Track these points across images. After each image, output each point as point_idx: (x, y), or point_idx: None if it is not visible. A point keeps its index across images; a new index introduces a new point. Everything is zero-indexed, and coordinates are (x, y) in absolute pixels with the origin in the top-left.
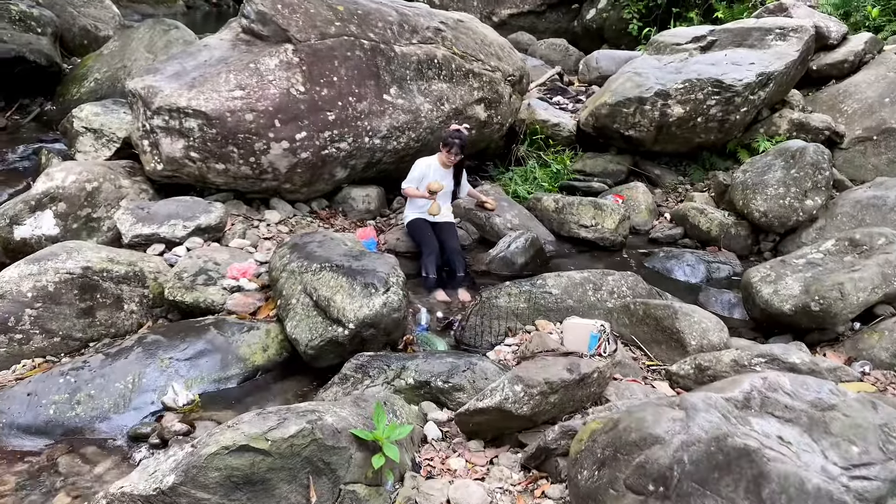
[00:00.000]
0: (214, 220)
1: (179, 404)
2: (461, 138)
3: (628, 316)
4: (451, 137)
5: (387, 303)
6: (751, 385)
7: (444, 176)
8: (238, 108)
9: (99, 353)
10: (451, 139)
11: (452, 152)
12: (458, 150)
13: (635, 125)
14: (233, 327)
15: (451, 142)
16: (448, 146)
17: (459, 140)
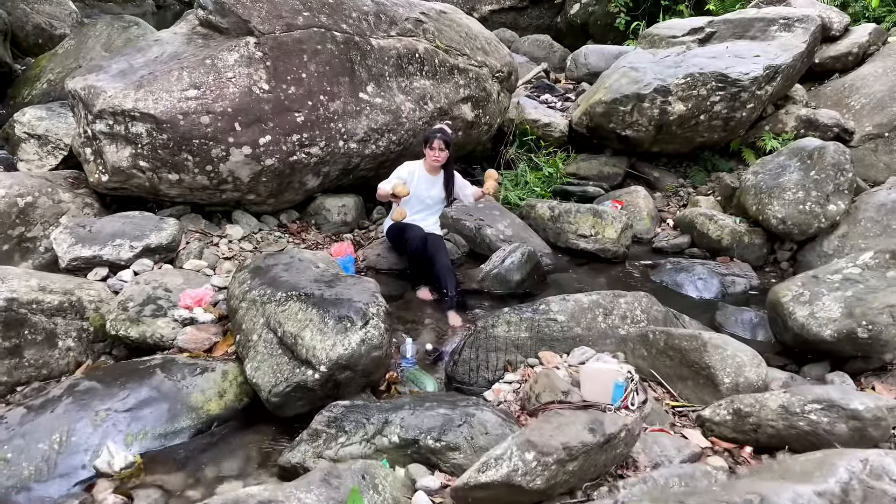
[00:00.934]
0: (166, 238)
1: (115, 468)
2: (443, 131)
3: (646, 346)
4: (431, 133)
5: (365, 339)
6: (848, 472)
7: (431, 184)
8: (192, 109)
9: (20, 405)
10: (431, 134)
11: (435, 147)
12: (443, 144)
13: (633, 124)
14: (183, 369)
15: (432, 135)
16: (428, 140)
17: (441, 133)
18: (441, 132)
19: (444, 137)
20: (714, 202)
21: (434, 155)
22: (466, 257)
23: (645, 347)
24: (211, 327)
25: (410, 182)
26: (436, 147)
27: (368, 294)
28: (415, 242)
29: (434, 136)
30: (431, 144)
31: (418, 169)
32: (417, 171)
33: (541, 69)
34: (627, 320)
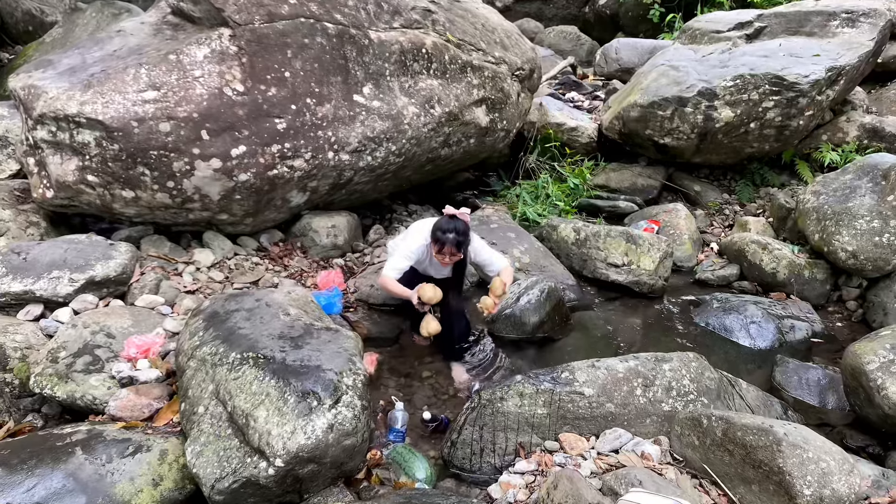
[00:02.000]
0: (115, 269)
1: None
2: (457, 230)
3: (698, 434)
4: (441, 230)
5: (334, 425)
6: None
7: (439, 267)
8: (150, 115)
9: None
10: (439, 232)
11: (445, 252)
12: (454, 248)
13: (673, 131)
14: (110, 449)
15: (440, 238)
16: (438, 243)
17: (454, 233)
18: (454, 233)
19: (457, 240)
20: (765, 224)
21: (443, 260)
22: (475, 289)
23: (696, 435)
24: (154, 388)
25: (420, 262)
26: (446, 253)
27: (343, 358)
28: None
29: (445, 239)
30: (440, 248)
31: (426, 254)
32: (425, 256)
33: (567, 64)
34: (673, 392)
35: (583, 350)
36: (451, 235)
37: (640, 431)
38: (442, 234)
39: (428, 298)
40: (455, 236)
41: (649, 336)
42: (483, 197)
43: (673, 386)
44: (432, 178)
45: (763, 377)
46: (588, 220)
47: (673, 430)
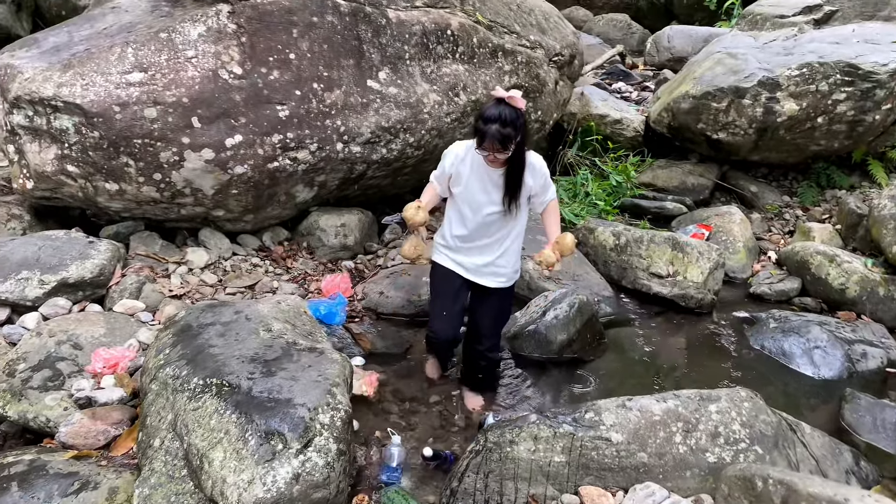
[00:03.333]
0: (91, 270)
1: None
2: (503, 119)
3: (750, 498)
4: (485, 120)
5: (301, 475)
6: None
7: (489, 179)
8: (133, 99)
9: None
10: (480, 122)
11: (486, 148)
12: (498, 145)
13: (728, 125)
14: (51, 484)
15: (481, 128)
16: (479, 134)
17: (500, 123)
18: (499, 122)
19: (502, 133)
20: (832, 232)
21: (485, 156)
22: None
23: (747, 498)
24: (114, 411)
25: (460, 174)
26: (486, 147)
27: (321, 390)
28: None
29: (487, 131)
30: (482, 144)
31: (470, 153)
32: (470, 155)
33: (615, 52)
34: (720, 440)
35: (617, 375)
36: (494, 127)
37: (678, 487)
38: (484, 124)
39: (407, 218)
40: (500, 128)
41: (695, 360)
42: None
43: (720, 431)
44: None
45: (829, 415)
46: (631, 223)
47: (719, 488)
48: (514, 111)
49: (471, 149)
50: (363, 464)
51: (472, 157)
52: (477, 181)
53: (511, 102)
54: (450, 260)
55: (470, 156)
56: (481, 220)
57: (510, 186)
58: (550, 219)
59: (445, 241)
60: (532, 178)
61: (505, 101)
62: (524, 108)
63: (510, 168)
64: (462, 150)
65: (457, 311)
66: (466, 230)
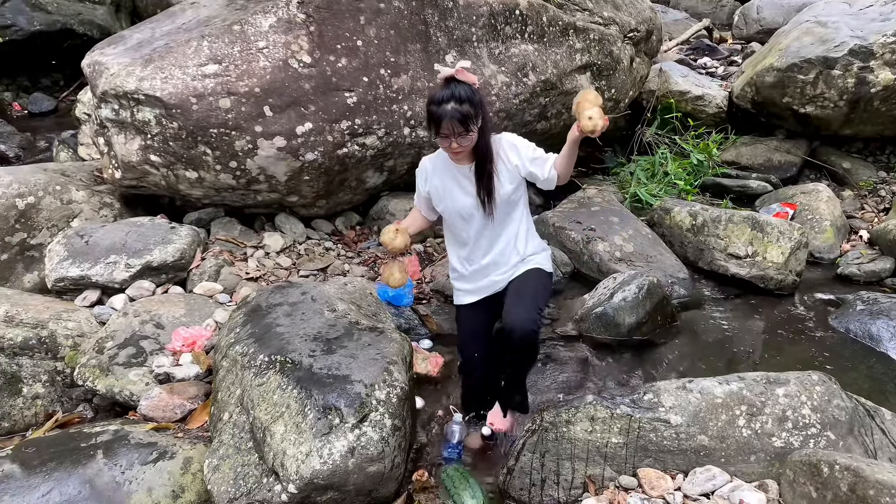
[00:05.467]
0: (172, 254)
1: None
2: (457, 96)
3: (815, 484)
4: (437, 102)
5: (356, 448)
6: None
7: (462, 177)
8: (209, 90)
9: None
10: (435, 106)
11: (445, 133)
12: (458, 126)
13: (816, 98)
14: (132, 454)
15: (437, 112)
16: (434, 120)
17: (455, 101)
18: (454, 101)
19: (458, 112)
20: None
21: (447, 145)
22: (569, 280)
23: (813, 484)
24: (190, 387)
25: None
26: (445, 133)
27: (378, 367)
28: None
29: (442, 113)
30: (439, 130)
31: (438, 160)
32: (437, 162)
33: (700, 27)
34: (788, 424)
35: (688, 359)
36: (450, 106)
37: (740, 472)
38: (436, 106)
39: (385, 242)
40: (455, 105)
41: (772, 344)
42: (593, 175)
43: (788, 416)
44: None
45: None
46: (712, 202)
47: (784, 473)
48: (468, 87)
49: (436, 157)
50: (425, 441)
51: (439, 163)
52: (453, 184)
53: (462, 78)
54: (469, 294)
55: (437, 163)
56: (478, 226)
57: (481, 177)
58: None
59: (458, 273)
60: (516, 156)
61: (455, 79)
62: (477, 84)
63: (478, 158)
64: (427, 162)
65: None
66: (468, 246)
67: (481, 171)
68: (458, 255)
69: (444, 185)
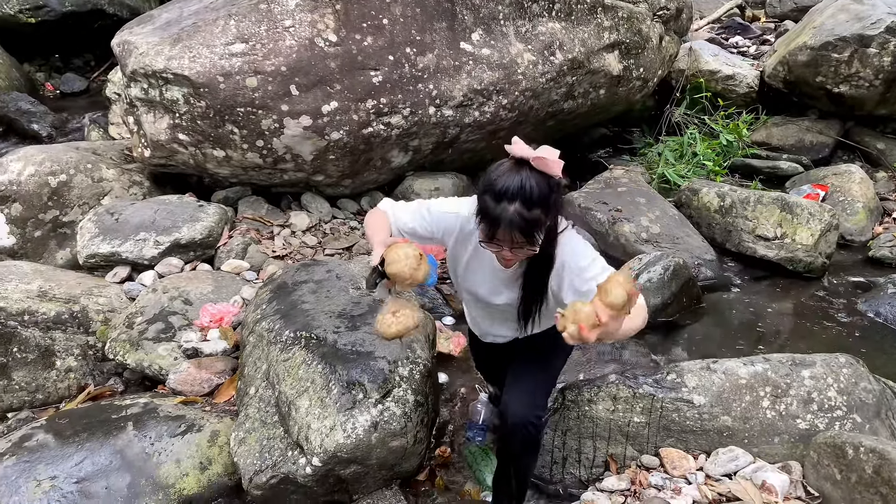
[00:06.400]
0: (200, 232)
1: None
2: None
3: (840, 465)
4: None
5: (379, 423)
6: None
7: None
8: (236, 69)
9: None
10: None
11: (501, 242)
12: (520, 237)
13: (851, 77)
14: (160, 426)
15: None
16: (488, 220)
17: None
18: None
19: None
20: None
21: (495, 251)
22: None
23: (837, 466)
24: (218, 362)
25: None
26: (499, 241)
27: (402, 344)
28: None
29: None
30: (493, 233)
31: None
32: (463, 234)
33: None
34: (813, 406)
35: (713, 340)
36: (513, 208)
37: (764, 453)
38: (495, 203)
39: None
40: (522, 209)
41: (799, 326)
42: (621, 156)
43: (814, 398)
44: (560, 136)
45: None
46: (741, 184)
47: (808, 455)
48: (544, 184)
49: (466, 223)
50: (448, 418)
51: (471, 237)
52: (481, 273)
53: (540, 165)
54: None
55: (468, 233)
56: (490, 310)
57: (529, 297)
58: None
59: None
60: (557, 284)
61: (528, 164)
62: (559, 174)
63: (532, 267)
64: (465, 222)
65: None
66: (470, 310)
67: (533, 288)
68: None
69: (470, 263)
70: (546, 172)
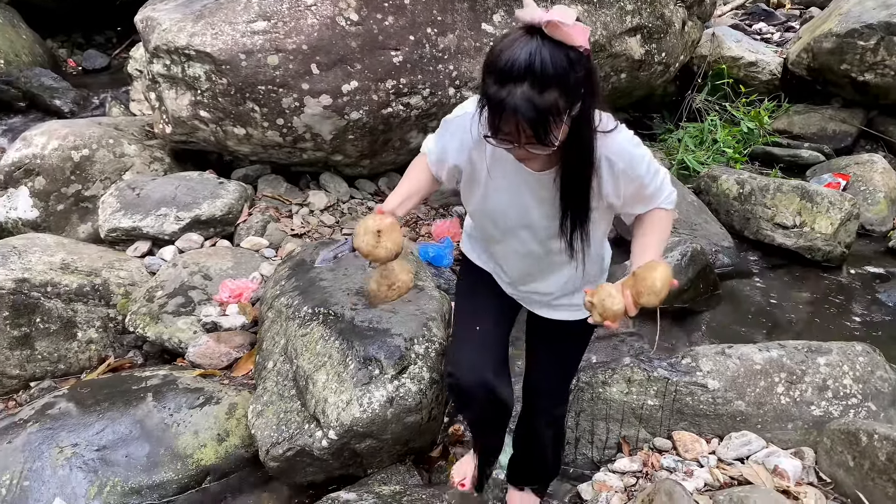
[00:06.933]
0: (220, 209)
1: None
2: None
3: (853, 452)
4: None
5: (395, 399)
6: None
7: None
8: (258, 47)
9: None
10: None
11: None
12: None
13: (876, 66)
14: (179, 398)
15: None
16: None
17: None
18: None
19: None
20: None
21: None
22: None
23: (851, 453)
24: (236, 336)
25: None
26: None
27: (418, 322)
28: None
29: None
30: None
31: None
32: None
33: None
34: (828, 393)
35: (728, 327)
36: (520, 90)
37: (777, 439)
38: (498, 86)
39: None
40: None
41: (816, 315)
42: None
43: (829, 385)
44: None
45: None
46: (760, 171)
47: (821, 442)
48: (559, 53)
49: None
50: None
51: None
52: (506, 184)
53: (555, 33)
54: (484, 255)
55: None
56: (520, 249)
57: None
58: (647, 230)
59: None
60: (612, 184)
61: (542, 32)
62: (587, 44)
63: (568, 166)
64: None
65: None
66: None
67: (573, 188)
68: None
69: (491, 175)
70: (564, 42)
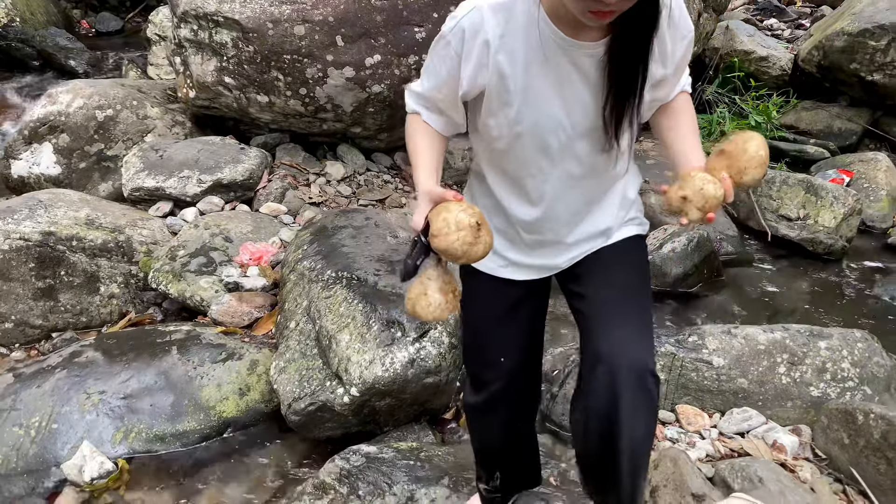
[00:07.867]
0: (242, 173)
1: (86, 478)
2: None
3: (849, 431)
4: None
5: (416, 360)
6: None
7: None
8: (285, 16)
9: (10, 372)
10: None
11: None
12: None
13: (886, 66)
14: (203, 352)
15: None
16: None
17: None
18: None
19: None
20: None
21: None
22: None
23: (847, 432)
24: (258, 297)
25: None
26: None
27: None
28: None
29: None
30: None
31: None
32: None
33: None
34: (826, 375)
35: (730, 312)
36: None
37: (776, 416)
38: None
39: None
40: None
41: (816, 305)
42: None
43: (828, 368)
44: None
45: None
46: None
47: (818, 420)
48: None
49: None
50: None
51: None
52: (551, 82)
53: None
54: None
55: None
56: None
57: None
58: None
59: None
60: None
61: None
62: None
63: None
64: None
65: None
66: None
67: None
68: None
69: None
70: None
